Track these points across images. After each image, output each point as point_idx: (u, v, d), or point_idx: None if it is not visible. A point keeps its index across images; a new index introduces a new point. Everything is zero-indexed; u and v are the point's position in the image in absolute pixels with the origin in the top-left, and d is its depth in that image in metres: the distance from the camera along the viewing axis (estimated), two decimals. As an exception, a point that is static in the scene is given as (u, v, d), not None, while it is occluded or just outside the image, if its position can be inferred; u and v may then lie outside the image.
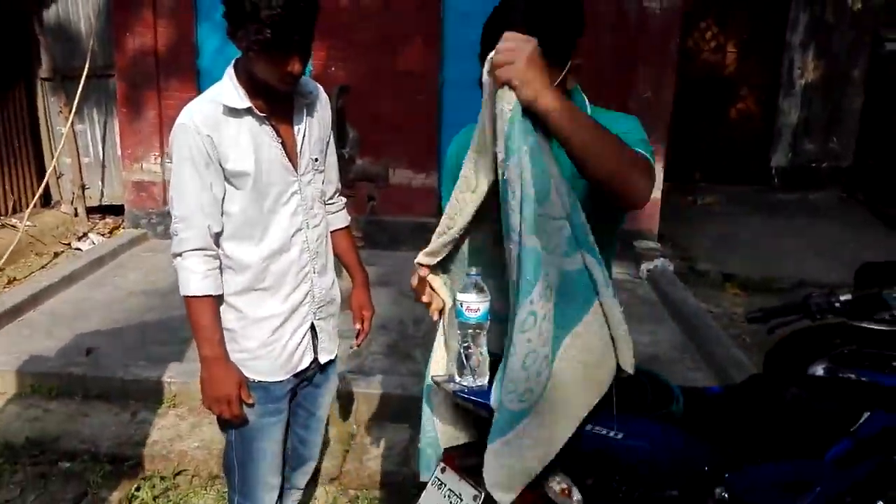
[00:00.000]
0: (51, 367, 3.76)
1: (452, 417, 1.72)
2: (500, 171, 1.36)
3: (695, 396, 1.81)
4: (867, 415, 1.80)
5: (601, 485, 1.65)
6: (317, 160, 1.98)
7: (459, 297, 1.50)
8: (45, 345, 4.09)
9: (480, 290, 1.49)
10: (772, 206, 8.22)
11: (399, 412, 3.44)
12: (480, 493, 1.61)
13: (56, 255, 6.10)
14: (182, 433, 3.36)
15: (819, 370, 1.96)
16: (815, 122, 8.46)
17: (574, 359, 1.43)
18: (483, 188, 1.45)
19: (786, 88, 8.38)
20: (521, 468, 1.47)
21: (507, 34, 1.31)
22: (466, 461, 1.68)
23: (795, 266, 6.53)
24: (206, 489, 3.08)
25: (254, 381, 1.95)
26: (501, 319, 1.48)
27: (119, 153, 6.69)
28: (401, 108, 6.23)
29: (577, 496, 1.61)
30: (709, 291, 5.94)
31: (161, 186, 6.40)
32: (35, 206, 6.35)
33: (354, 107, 5.39)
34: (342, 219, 2.21)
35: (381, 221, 6.31)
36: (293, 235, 1.94)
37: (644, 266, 5.89)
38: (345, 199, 2.24)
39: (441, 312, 1.69)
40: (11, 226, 6.13)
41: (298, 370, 2.02)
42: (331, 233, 2.14)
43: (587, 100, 1.73)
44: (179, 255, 1.84)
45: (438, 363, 1.71)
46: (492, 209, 1.45)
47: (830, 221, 7.84)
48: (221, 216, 1.85)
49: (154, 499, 2.98)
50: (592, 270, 1.44)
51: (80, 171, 6.95)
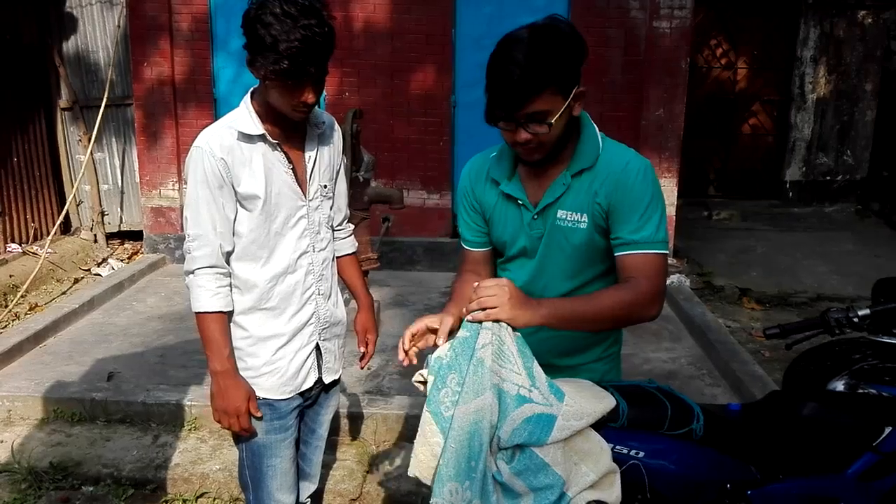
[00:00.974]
0: (73, 393, 3.80)
1: None
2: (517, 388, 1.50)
3: (715, 414, 1.81)
4: (889, 430, 1.79)
5: None
6: (326, 187, 2.05)
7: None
8: (67, 370, 4.14)
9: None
10: (787, 221, 8.19)
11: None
12: None
13: (76, 281, 6.19)
14: (203, 456, 3.38)
15: (839, 385, 1.96)
16: (828, 136, 8.45)
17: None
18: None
19: (798, 103, 8.38)
20: None
21: (484, 282, 1.54)
22: None
23: (812, 280, 6.50)
24: (228, 512, 3.10)
25: (260, 399, 1.99)
26: None
27: (137, 180, 6.79)
28: (414, 131, 6.31)
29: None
30: (725, 306, 5.93)
31: (179, 212, 6.49)
32: (56, 234, 6.45)
33: (368, 130, 5.47)
34: (349, 245, 2.28)
35: (396, 242, 6.36)
36: (299, 258, 1.99)
37: (660, 283, 5.87)
38: (352, 227, 2.30)
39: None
40: (33, 253, 6.23)
41: (303, 389, 2.07)
42: (338, 258, 2.22)
43: (598, 130, 1.80)
44: (192, 273, 1.90)
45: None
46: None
47: (846, 234, 7.80)
48: (233, 236, 1.92)
49: (177, 522, 3.00)
50: None
51: (100, 199, 7.06)
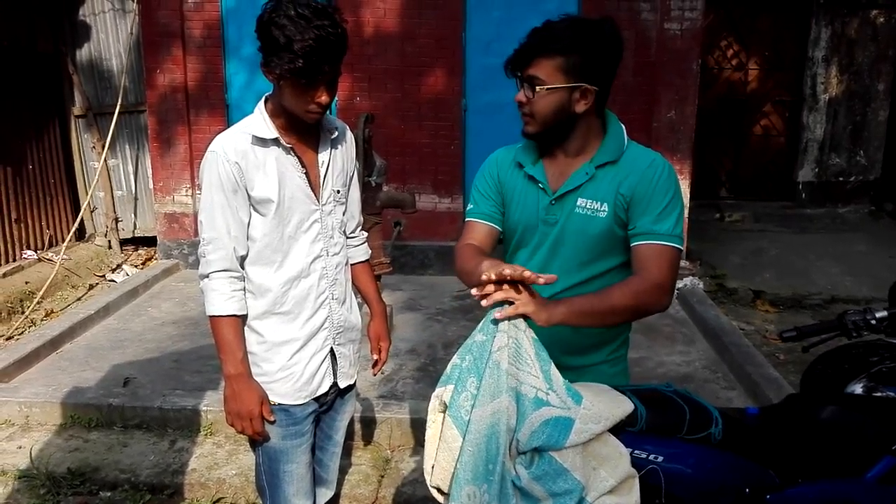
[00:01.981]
0: (90, 399, 3.83)
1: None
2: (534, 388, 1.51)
3: (733, 418, 1.81)
4: (909, 432, 1.78)
5: (642, 508, 1.65)
6: (339, 192, 2.06)
7: None
8: (84, 376, 4.18)
9: None
10: (800, 222, 8.14)
11: (432, 437, 3.44)
12: None
13: (91, 287, 6.24)
14: (219, 461, 3.40)
15: (857, 388, 1.94)
16: (841, 137, 8.39)
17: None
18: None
19: (810, 104, 8.33)
20: None
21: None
22: None
23: (826, 281, 6.46)
24: (245, 517, 3.12)
25: (275, 404, 2.00)
26: None
27: (151, 186, 6.84)
28: (425, 135, 6.32)
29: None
30: (739, 309, 5.90)
31: (192, 218, 6.53)
32: (70, 240, 6.51)
33: (380, 135, 5.49)
34: (363, 252, 2.29)
35: (408, 246, 6.37)
36: (312, 262, 2.00)
37: (672, 285, 5.85)
38: (366, 234, 2.31)
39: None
40: (48, 259, 6.29)
41: (318, 394, 2.07)
42: (351, 266, 2.22)
43: (625, 132, 1.84)
44: (206, 277, 1.92)
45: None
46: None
47: (859, 235, 7.75)
48: (247, 240, 1.94)
49: (194, 527, 3.02)
50: None
51: (114, 205, 7.12)
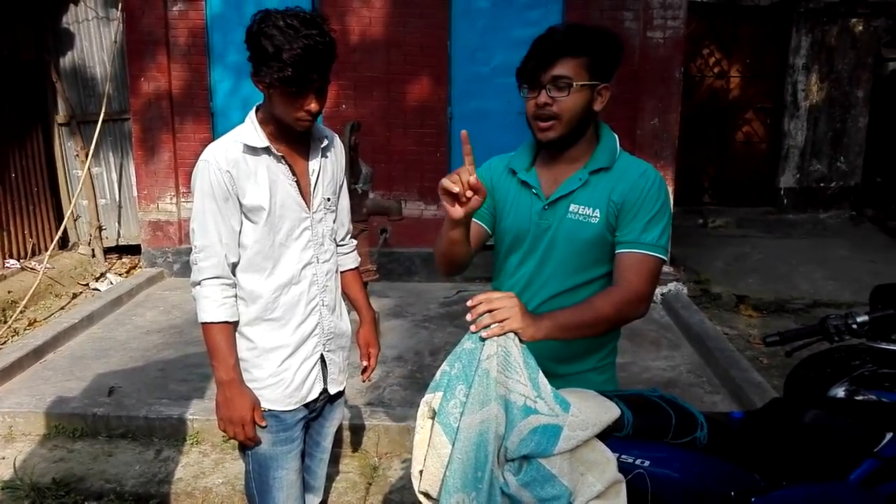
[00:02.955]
0: (74, 408, 3.80)
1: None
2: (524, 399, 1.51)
3: (718, 422, 1.83)
4: (890, 435, 1.81)
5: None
6: (329, 200, 2.09)
7: None
8: (68, 385, 4.14)
9: None
10: (782, 227, 8.24)
11: (420, 444, 3.45)
12: None
13: (75, 296, 6.18)
14: (206, 470, 3.38)
15: (839, 392, 1.96)
16: (822, 143, 8.51)
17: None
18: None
19: (791, 110, 8.44)
20: None
21: (492, 295, 1.54)
22: None
23: (808, 286, 6.54)
24: (232, 526, 3.10)
25: (266, 410, 2.01)
26: None
27: (135, 194, 6.80)
28: (411, 143, 6.34)
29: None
30: (723, 314, 5.95)
31: (177, 226, 6.49)
32: (54, 249, 6.45)
33: (365, 142, 5.49)
34: (352, 260, 2.31)
35: (394, 253, 6.37)
36: (303, 269, 2.02)
37: (658, 290, 5.91)
38: (355, 242, 2.33)
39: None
40: (31, 268, 6.23)
41: (308, 400, 2.08)
42: (341, 273, 2.24)
43: (618, 141, 1.87)
44: (198, 284, 1.93)
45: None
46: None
47: (841, 240, 7.85)
48: (238, 247, 1.95)
49: (180, 537, 3.00)
50: None
51: (97, 213, 7.07)
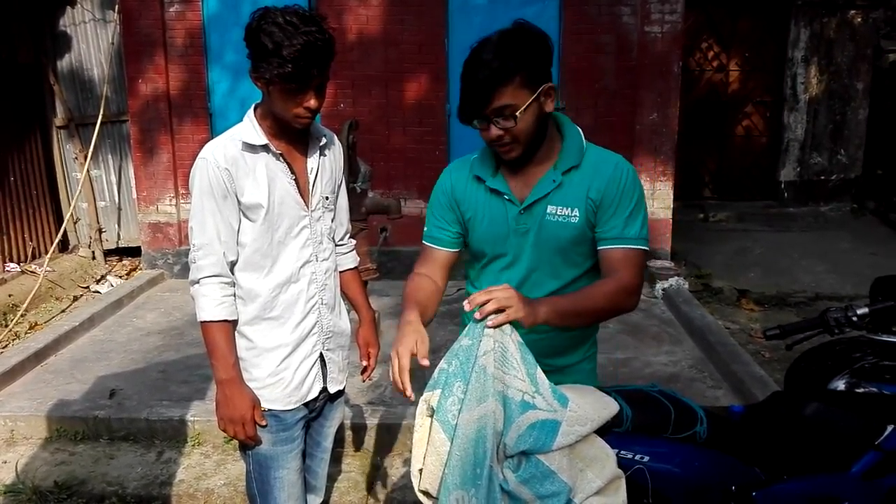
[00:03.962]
0: (75, 411, 3.80)
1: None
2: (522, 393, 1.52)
3: (718, 417, 1.83)
4: (891, 427, 1.81)
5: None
6: (328, 199, 2.08)
7: None
8: (69, 388, 4.14)
9: None
10: (782, 221, 8.22)
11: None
12: None
13: (75, 299, 6.18)
14: (207, 471, 3.38)
15: (840, 385, 1.96)
16: (822, 136, 8.48)
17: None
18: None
19: (790, 103, 8.42)
20: None
21: (490, 287, 1.55)
22: None
23: (810, 280, 6.52)
24: (234, 527, 3.10)
25: (266, 410, 2.00)
26: None
27: (134, 196, 6.80)
28: (410, 141, 6.33)
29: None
30: (724, 308, 5.94)
31: (177, 227, 6.49)
32: (54, 252, 6.45)
33: (364, 141, 5.48)
34: (351, 260, 2.30)
35: (394, 252, 6.36)
36: (302, 267, 2.02)
37: (659, 285, 5.90)
38: (354, 242, 2.32)
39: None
40: (31, 272, 6.23)
41: (308, 399, 2.08)
42: (340, 273, 2.23)
43: (582, 134, 1.86)
44: (197, 283, 1.92)
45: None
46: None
47: (842, 233, 7.83)
48: (237, 245, 1.95)
49: (182, 538, 3.00)
50: None
51: (97, 215, 7.07)
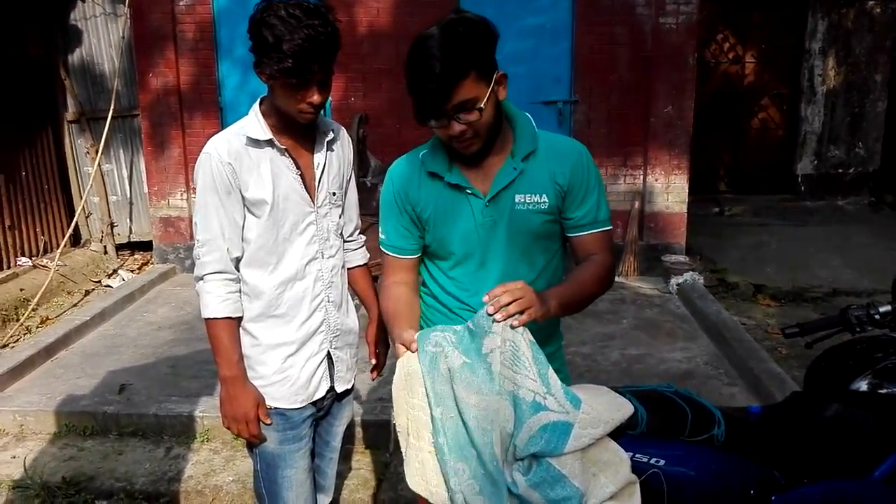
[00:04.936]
0: (85, 406, 3.79)
1: None
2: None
3: (736, 418, 1.77)
4: (916, 430, 1.74)
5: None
6: (335, 195, 2.03)
7: None
8: (79, 383, 4.13)
9: None
10: (799, 215, 8.10)
11: (432, 439, 3.41)
12: None
13: (87, 293, 6.19)
14: (216, 468, 3.36)
15: (862, 386, 1.90)
16: (839, 129, 8.35)
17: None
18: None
19: (807, 96, 8.29)
20: None
21: (506, 285, 1.51)
22: None
23: (827, 274, 6.42)
24: (242, 524, 3.08)
25: (272, 408, 1.97)
26: None
27: (146, 190, 6.79)
28: (421, 134, 6.22)
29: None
30: (740, 303, 5.85)
31: (188, 221, 6.48)
32: (65, 246, 6.46)
33: (374, 135, 5.44)
34: (360, 256, 2.25)
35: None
36: (308, 264, 1.98)
37: (673, 280, 5.82)
38: (363, 238, 2.27)
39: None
40: (43, 266, 6.24)
41: (315, 398, 2.04)
42: (349, 270, 2.19)
43: (533, 122, 1.82)
44: (201, 279, 1.90)
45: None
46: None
47: (859, 227, 7.71)
48: (241, 241, 1.91)
49: (191, 536, 2.98)
50: None
51: (109, 210, 7.08)
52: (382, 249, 1.92)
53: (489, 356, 1.45)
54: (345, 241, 2.15)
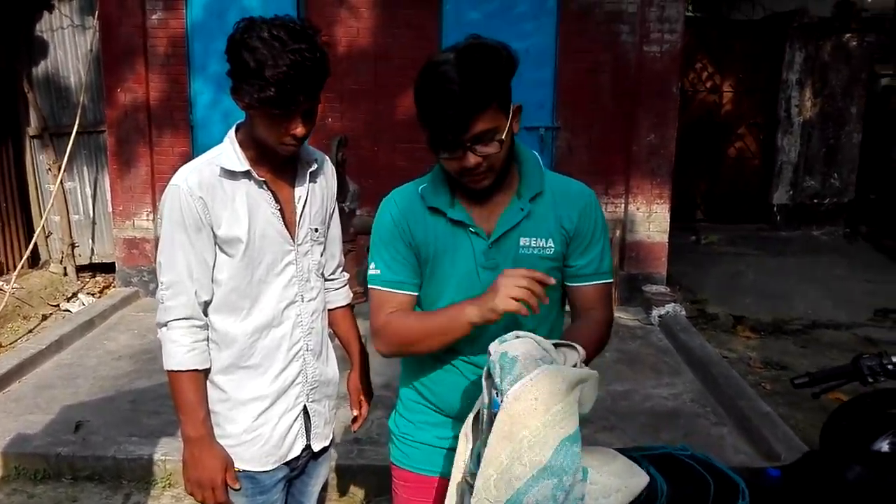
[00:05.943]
0: (37, 447, 3.53)
1: None
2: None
3: (754, 484, 1.64)
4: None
5: None
6: (317, 231, 1.85)
7: None
8: (31, 420, 3.86)
9: None
10: (775, 245, 8.14)
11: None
12: None
13: (44, 318, 5.88)
14: (178, 516, 3.13)
15: (884, 446, 1.79)
16: (815, 159, 8.44)
17: None
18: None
19: (784, 126, 8.37)
20: None
21: (520, 271, 1.45)
22: None
23: (806, 306, 6.41)
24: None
25: (240, 471, 1.77)
26: None
27: (110, 210, 6.53)
28: (399, 158, 6.12)
29: None
30: (721, 335, 5.80)
31: (153, 243, 6.23)
32: (23, 267, 6.16)
33: (353, 157, 5.28)
34: (343, 296, 2.05)
35: (381, 273, 6.15)
36: (285, 309, 1.79)
37: (655, 312, 5.74)
38: (347, 276, 2.07)
39: None
40: (-2, 288, 5.93)
41: (289, 458, 1.84)
42: (331, 311, 1.99)
43: (541, 161, 1.72)
44: (164, 325, 1.71)
45: None
46: None
47: (835, 258, 7.76)
48: (212, 284, 1.72)
49: None
50: None
51: (70, 230, 6.77)
52: (373, 287, 1.68)
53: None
54: (326, 280, 1.96)
